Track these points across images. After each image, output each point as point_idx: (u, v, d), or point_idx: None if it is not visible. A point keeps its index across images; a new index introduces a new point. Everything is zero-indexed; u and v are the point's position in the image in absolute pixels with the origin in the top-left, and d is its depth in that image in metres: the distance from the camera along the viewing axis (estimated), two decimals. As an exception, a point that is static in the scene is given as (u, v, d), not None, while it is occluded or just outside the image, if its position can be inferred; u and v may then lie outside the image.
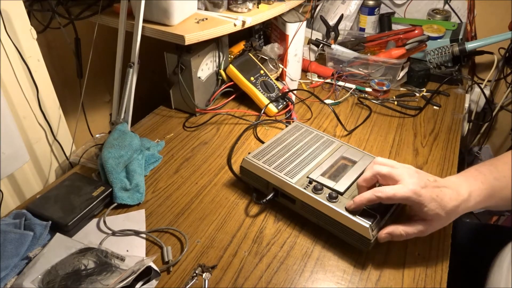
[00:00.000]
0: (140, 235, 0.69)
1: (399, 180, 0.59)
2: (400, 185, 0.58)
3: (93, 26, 0.88)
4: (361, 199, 0.61)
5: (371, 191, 0.60)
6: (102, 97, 1.16)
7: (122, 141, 0.79)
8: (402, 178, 0.59)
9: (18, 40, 0.74)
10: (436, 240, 0.68)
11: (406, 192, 0.57)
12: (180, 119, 1.02)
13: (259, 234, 0.69)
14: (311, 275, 0.62)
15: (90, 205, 0.70)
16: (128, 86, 0.84)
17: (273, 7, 1.01)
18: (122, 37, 0.83)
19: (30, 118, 0.80)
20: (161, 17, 0.85)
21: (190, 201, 0.76)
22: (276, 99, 1.04)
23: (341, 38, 1.28)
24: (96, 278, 0.58)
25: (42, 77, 0.81)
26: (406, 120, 1.01)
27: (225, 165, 0.86)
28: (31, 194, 0.81)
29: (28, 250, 0.63)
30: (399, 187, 0.58)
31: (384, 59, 1.12)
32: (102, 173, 0.77)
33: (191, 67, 0.94)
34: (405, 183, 0.58)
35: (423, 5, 1.37)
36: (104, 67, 1.08)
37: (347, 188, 0.67)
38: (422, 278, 0.62)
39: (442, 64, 1.20)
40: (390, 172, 0.60)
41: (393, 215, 0.66)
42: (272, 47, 1.13)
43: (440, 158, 0.87)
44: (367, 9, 1.34)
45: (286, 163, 0.73)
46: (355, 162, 0.74)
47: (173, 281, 0.61)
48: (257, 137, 0.95)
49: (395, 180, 0.59)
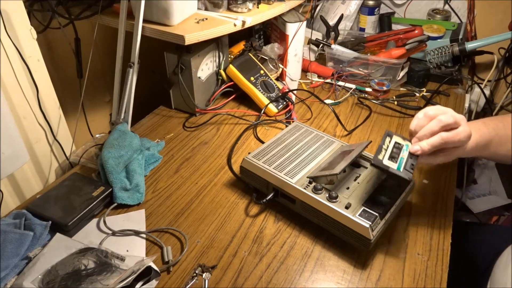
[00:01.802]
0: (140, 235, 0.69)
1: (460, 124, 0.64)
2: (461, 128, 0.63)
3: (93, 26, 0.88)
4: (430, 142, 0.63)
5: (438, 136, 0.63)
6: (102, 97, 1.16)
7: (122, 141, 0.79)
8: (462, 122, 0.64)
9: (18, 40, 0.74)
10: (436, 240, 0.68)
11: (468, 132, 0.63)
12: (180, 119, 1.02)
13: (259, 234, 0.69)
14: (311, 275, 0.62)
15: (90, 205, 0.70)
16: (128, 86, 0.84)
17: (273, 7, 1.01)
18: (122, 37, 0.83)
19: (30, 118, 0.80)
20: (161, 17, 0.85)
21: (190, 201, 0.76)
22: (276, 99, 1.04)
23: (341, 38, 1.28)
24: (96, 278, 0.58)
25: (42, 77, 0.81)
26: (406, 120, 1.01)
27: (225, 165, 0.86)
28: (31, 194, 0.81)
29: (28, 250, 0.63)
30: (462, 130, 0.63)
31: (384, 59, 1.12)
32: (102, 173, 0.77)
33: (191, 67, 0.94)
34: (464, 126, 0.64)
35: (423, 5, 1.37)
36: (104, 67, 1.08)
37: (343, 169, 0.65)
38: (422, 278, 0.62)
39: (442, 64, 1.20)
40: (455, 118, 0.64)
41: (392, 215, 0.66)
42: (272, 47, 1.13)
43: (440, 158, 0.87)
44: (367, 9, 1.34)
45: (286, 163, 0.73)
46: (351, 150, 0.73)
47: (173, 281, 0.61)
48: (257, 137, 0.95)
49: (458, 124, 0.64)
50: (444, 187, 0.79)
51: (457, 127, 0.63)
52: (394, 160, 0.64)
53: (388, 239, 0.68)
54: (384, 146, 0.66)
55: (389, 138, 0.68)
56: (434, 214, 0.73)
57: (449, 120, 0.63)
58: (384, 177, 0.70)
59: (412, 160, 0.65)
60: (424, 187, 0.79)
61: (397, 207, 0.67)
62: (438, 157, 0.66)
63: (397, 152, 0.65)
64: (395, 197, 0.67)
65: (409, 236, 0.69)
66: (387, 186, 0.68)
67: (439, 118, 0.63)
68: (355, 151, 0.70)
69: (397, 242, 0.68)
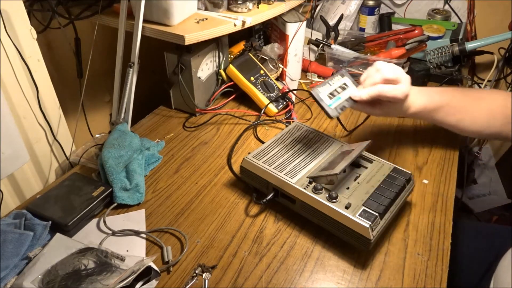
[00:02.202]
0: (140, 235, 0.69)
1: (400, 82, 0.69)
2: (400, 85, 0.69)
3: (93, 26, 0.88)
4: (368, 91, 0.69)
5: (376, 87, 0.69)
6: (102, 97, 1.16)
7: (122, 141, 0.79)
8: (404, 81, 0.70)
9: (18, 40, 0.74)
10: (436, 240, 0.68)
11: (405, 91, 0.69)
12: (180, 119, 1.02)
13: (259, 234, 0.69)
14: (311, 275, 0.62)
15: (90, 205, 0.70)
16: (128, 86, 0.84)
17: (273, 7, 1.01)
18: (122, 37, 0.83)
19: (30, 118, 0.80)
20: (161, 17, 0.85)
21: (190, 201, 0.76)
22: (276, 99, 1.04)
23: (341, 38, 1.28)
24: (96, 278, 0.58)
25: (42, 77, 0.81)
26: (406, 120, 1.01)
27: (225, 165, 0.86)
28: (31, 194, 0.81)
29: (28, 250, 0.63)
30: (400, 87, 0.69)
31: (384, 59, 1.12)
32: (102, 173, 0.77)
33: (191, 67, 0.94)
34: (404, 85, 0.69)
35: (423, 5, 1.37)
36: (104, 67, 1.08)
37: (343, 169, 0.65)
38: (422, 278, 0.62)
39: (442, 64, 1.20)
40: (396, 74, 0.69)
41: (393, 215, 0.66)
42: (272, 47, 1.13)
43: (440, 158, 0.87)
44: (367, 9, 1.34)
45: (286, 163, 0.73)
46: (351, 150, 0.73)
47: (173, 281, 0.61)
48: (257, 137, 0.95)
49: (398, 81, 0.69)
50: (444, 187, 0.79)
51: (397, 84, 0.69)
52: (332, 97, 0.68)
53: (388, 239, 0.68)
54: (331, 82, 0.71)
55: (341, 77, 0.71)
56: (434, 214, 0.73)
57: (389, 75, 0.68)
58: (384, 177, 0.70)
59: (347, 103, 0.70)
60: (424, 187, 0.79)
61: (397, 207, 0.67)
62: (374, 109, 0.73)
63: (340, 91, 0.69)
64: (395, 197, 0.67)
65: (409, 236, 0.69)
66: (387, 186, 0.68)
67: (382, 71, 0.69)
68: (355, 151, 0.70)
69: (397, 242, 0.68)
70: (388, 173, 0.71)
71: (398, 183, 0.69)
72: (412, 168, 0.84)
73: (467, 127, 0.79)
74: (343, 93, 0.71)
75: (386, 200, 0.65)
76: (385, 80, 0.69)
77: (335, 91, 0.70)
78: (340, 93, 0.70)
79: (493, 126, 0.77)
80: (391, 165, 0.73)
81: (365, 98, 0.70)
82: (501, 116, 0.76)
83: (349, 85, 0.71)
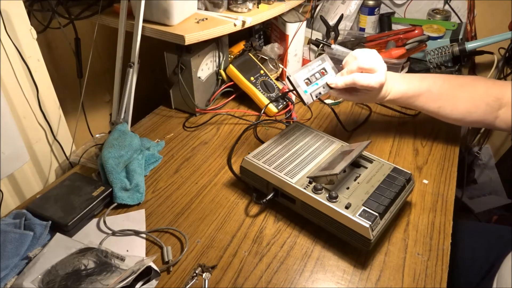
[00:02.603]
0: (140, 235, 0.69)
1: (376, 71, 0.71)
2: (375, 75, 0.70)
3: (93, 26, 0.88)
4: (344, 79, 0.71)
5: (351, 75, 0.70)
6: (102, 97, 1.16)
7: (122, 141, 0.79)
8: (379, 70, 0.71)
9: (18, 40, 0.74)
10: (436, 240, 0.68)
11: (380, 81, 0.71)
12: (180, 119, 1.02)
13: (259, 234, 0.69)
14: (311, 275, 0.62)
15: (90, 205, 0.70)
16: (128, 86, 0.84)
17: (273, 7, 1.01)
18: (122, 37, 0.83)
19: (30, 118, 0.80)
20: (161, 17, 0.85)
21: (190, 201, 0.76)
22: (276, 99, 1.04)
23: (341, 38, 1.28)
24: (96, 278, 0.58)
25: (42, 77, 0.81)
26: (406, 120, 1.01)
27: (225, 165, 0.86)
28: (31, 194, 0.81)
29: (28, 250, 0.63)
30: (374, 76, 0.70)
31: (384, 59, 1.11)
32: (102, 173, 0.77)
33: (191, 67, 0.94)
34: (379, 75, 0.71)
35: (423, 5, 1.37)
36: (104, 67, 1.08)
37: (343, 169, 0.65)
38: (422, 278, 0.62)
39: (442, 64, 1.20)
40: (372, 64, 0.71)
41: (393, 215, 0.66)
42: (272, 47, 1.13)
43: (440, 158, 0.87)
44: (367, 9, 1.34)
45: (286, 163, 0.73)
46: (351, 150, 0.73)
47: (173, 281, 0.61)
48: (257, 137, 0.95)
49: (373, 71, 0.71)
50: (444, 187, 0.79)
51: (373, 73, 0.70)
52: (310, 82, 0.70)
53: (388, 239, 0.68)
54: (310, 67, 0.72)
55: (321, 62, 0.72)
56: (434, 214, 0.73)
57: (364, 65, 0.70)
58: (384, 177, 0.70)
59: (323, 89, 0.71)
60: (424, 187, 0.79)
61: (397, 207, 0.67)
62: (351, 96, 0.75)
63: (318, 77, 0.70)
64: (395, 197, 0.67)
65: (409, 236, 0.69)
66: (387, 186, 0.68)
67: (358, 60, 0.70)
68: (355, 151, 0.70)
69: (397, 242, 0.68)
70: (388, 173, 0.71)
71: (398, 183, 0.69)
72: (412, 168, 0.84)
73: (448, 114, 0.80)
74: (321, 79, 0.73)
75: (386, 200, 0.65)
76: (361, 69, 0.70)
77: (313, 77, 0.71)
78: (318, 79, 0.71)
79: (474, 113, 0.79)
80: (391, 165, 0.73)
81: (340, 85, 0.72)
82: (483, 104, 0.78)
83: (328, 71, 0.73)
